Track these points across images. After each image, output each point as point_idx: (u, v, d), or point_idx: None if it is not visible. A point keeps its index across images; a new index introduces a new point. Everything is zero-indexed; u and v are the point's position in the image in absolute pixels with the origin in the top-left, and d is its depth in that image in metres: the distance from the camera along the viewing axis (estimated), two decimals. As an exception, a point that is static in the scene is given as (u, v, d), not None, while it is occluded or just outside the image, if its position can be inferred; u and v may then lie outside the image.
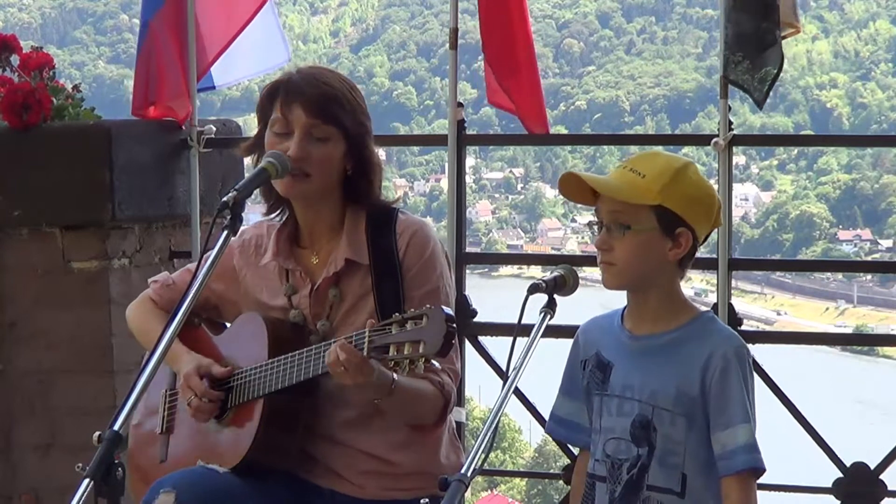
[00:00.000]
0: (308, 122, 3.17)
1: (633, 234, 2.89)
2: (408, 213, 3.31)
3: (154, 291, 3.50)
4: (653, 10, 62.89)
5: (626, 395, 2.96)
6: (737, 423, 2.88)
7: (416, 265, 3.21)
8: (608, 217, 2.92)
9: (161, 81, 5.05)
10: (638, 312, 2.99)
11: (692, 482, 2.92)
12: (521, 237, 53.57)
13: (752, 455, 2.88)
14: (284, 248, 3.30)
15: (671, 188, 2.89)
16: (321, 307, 3.25)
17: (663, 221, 2.90)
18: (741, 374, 2.90)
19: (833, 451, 4.71)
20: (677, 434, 2.91)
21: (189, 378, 3.23)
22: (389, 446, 3.20)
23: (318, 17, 67.24)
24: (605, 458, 2.98)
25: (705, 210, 2.95)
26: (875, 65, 58.18)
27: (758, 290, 50.24)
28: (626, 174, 2.92)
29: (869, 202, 50.76)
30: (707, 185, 2.98)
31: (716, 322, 3.02)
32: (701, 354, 2.91)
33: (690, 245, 2.93)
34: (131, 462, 3.42)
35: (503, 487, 29.33)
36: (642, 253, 2.90)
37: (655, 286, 2.95)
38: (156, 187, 5.05)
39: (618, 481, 2.96)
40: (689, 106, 55.37)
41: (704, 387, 2.90)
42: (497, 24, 4.91)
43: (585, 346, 3.06)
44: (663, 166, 2.92)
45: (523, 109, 4.95)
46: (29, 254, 4.95)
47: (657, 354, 2.95)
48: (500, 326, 4.90)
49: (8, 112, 4.85)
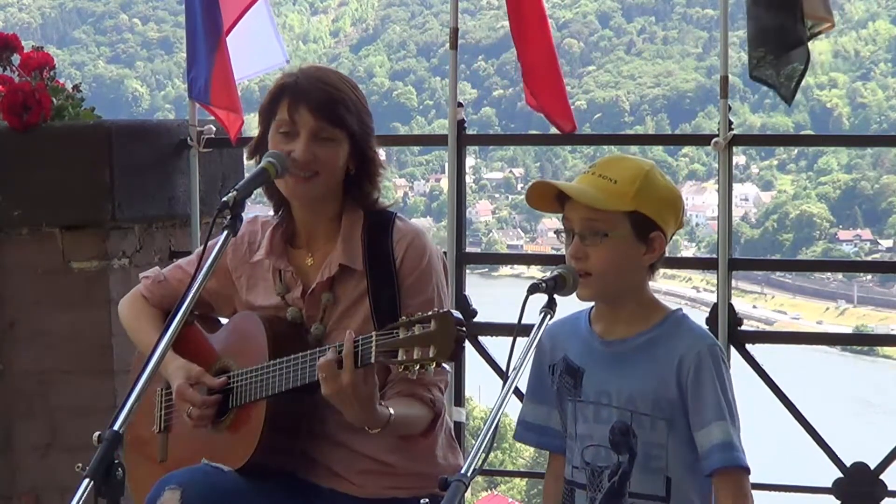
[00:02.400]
0: (315, 124, 3.17)
1: (610, 241, 2.87)
2: (405, 220, 3.31)
3: (145, 288, 3.50)
4: (653, 10, 62.88)
5: (601, 401, 2.94)
6: (710, 421, 2.86)
7: (412, 274, 3.21)
8: (581, 225, 2.89)
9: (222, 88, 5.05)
10: (609, 317, 2.97)
11: (677, 485, 2.91)
12: (521, 237, 53.53)
13: (729, 453, 2.85)
14: (278, 247, 3.30)
15: (644, 193, 2.87)
16: (315, 310, 3.25)
17: (637, 226, 2.88)
18: (714, 372, 2.88)
19: (833, 451, 4.71)
20: (659, 438, 2.90)
21: (183, 392, 3.23)
22: (384, 449, 3.21)
23: (318, 17, 67.23)
24: (585, 465, 2.96)
25: (674, 212, 2.94)
26: (875, 65, 58.15)
27: (758, 290, 50.21)
28: (596, 181, 2.89)
29: (869, 202, 50.73)
30: (673, 186, 2.97)
31: (687, 321, 2.98)
32: (674, 355, 2.89)
33: (663, 248, 2.92)
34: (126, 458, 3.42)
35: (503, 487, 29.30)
36: (619, 260, 2.88)
37: (627, 293, 2.93)
38: (156, 187, 5.05)
39: (598, 489, 2.94)
40: (689, 106, 55.34)
41: (681, 387, 2.88)
42: (524, 27, 4.89)
43: (552, 351, 3.04)
44: (633, 171, 2.89)
45: (549, 108, 4.92)
46: (29, 254, 4.95)
47: (631, 358, 2.93)
48: (500, 326, 4.90)
49: (8, 112, 4.86)
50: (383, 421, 3.03)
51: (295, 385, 3.09)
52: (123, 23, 64.13)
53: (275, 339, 3.20)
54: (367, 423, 3.03)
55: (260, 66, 5.36)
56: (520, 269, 41.74)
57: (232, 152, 5.39)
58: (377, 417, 3.02)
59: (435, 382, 3.19)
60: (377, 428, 3.04)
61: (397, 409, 3.08)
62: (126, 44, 63.50)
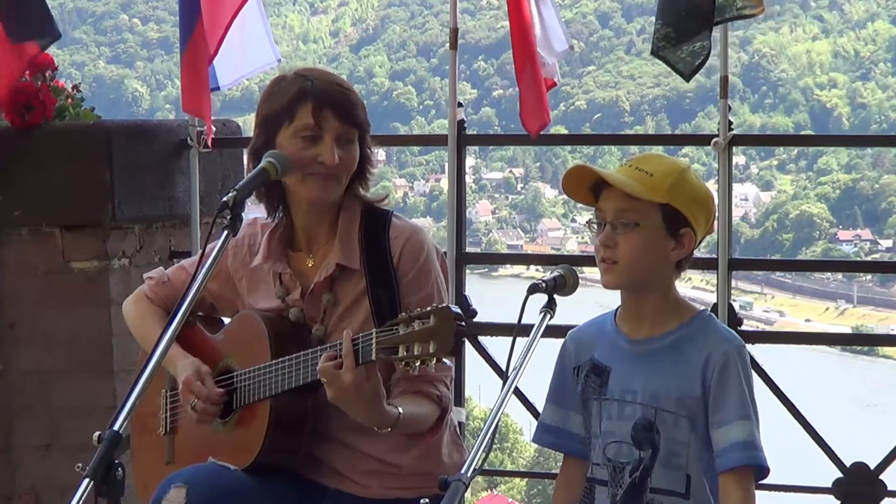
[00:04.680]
0: (340, 127, 3.18)
1: (641, 231, 2.89)
2: (402, 218, 3.31)
3: (149, 289, 3.50)
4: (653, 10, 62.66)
5: (626, 398, 2.95)
6: (732, 420, 2.87)
7: (410, 271, 3.21)
8: (614, 214, 2.91)
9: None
10: (635, 315, 2.99)
11: (696, 483, 2.92)
12: (521, 237, 53.54)
13: (750, 452, 2.87)
14: (276, 250, 3.30)
15: (678, 188, 2.91)
16: (315, 311, 3.25)
17: (668, 220, 2.91)
18: (740, 373, 2.91)
19: (833, 451, 4.72)
20: (681, 435, 2.91)
21: (190, 383, 3.23)
22: (389, 449, 3.20)
23: (318, 17, 67.23)
24: (607, 461, 2.97)
25: (706, 213, 2.96)
26: (875, 65, 58.16)
27: (758, 290, 50.23)
28: (633, 172, 2.92)
29: (869, 202, 50.74)
30: (707, 189, 3.00)
31: (714, 321, 3.02)
32: (701, 355, 2.92)
33: (691, 246, 2.95)
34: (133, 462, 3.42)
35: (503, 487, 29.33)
36: (646, 250, 2.90)
37: (653, 287, 2.96)
38: (156, 187, 5.06)
39: (619, 485, 2.96)
40: (689, 106, 55.32)
41: (705, 387, 2.90)
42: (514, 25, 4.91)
43: (577, 353, 3.06)
44: (669, 166, 2.93)
45: (523, 107, 4.94)
46: (29, 254, 4.95)
47: (658, 357, 2.95)
48: (500, 326, 4.91)
49: (11, 112, 4.86)
50: (392, 420, 3.03)
51: (298, 384, 3.09)
52: (123, 23, 64.15)
53: (277, 338, 3.20)
54: (376, 422, 3.02)
55: (253, 66, 5.37)
56: (520, 269, 41.77)
57: (232, 152, 5.40)
58: (385, 417, 3.02)
59: (440, 378, 3.19)
60: (387, 427, 3.04)
61: (405, 407, 3.07)
62: (126, 44, 63.52)
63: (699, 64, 4.48)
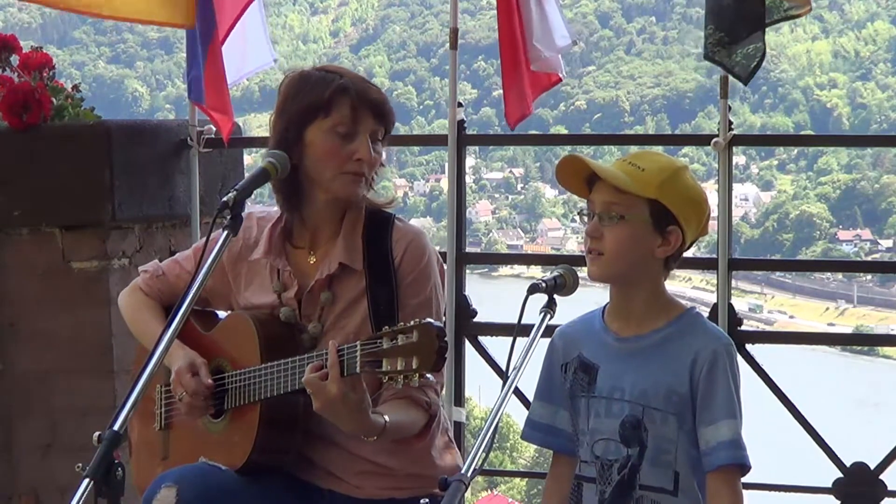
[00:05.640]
0: (375, 126, 3.22)
1: (626, 224, 2.90)
2: (405, 221, 3.33)
3: (143, 282, 3.50)
4: (653, 10, 62.88)
5: (614, 396, 2.96)
6: (720, 418, 2.89)
7: (411, 274, 3.21)
8: (602, 207, 2.92)
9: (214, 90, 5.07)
10: (623, 312, 2.99)
11: (685, 480, 2.93)
12: (521, 237, 53.53)
13: (736, 451, 2.89)
14: (277, 245, 3.30)
15: (669, 185, 2.91)
16: (313, 308, 3.25)
17: (656, 216, 2.91)
18: (728, 371, 2.92)
19: (833, 451, 4.72)
20: (669, 433, 2.92)
21: (181, 375, 3.22)
22: (380, 451, 3.21)
23: (317, 17, 67.21)
24: (594, 459, 2.98)
25: (697, 214, 2.96)
26: (875, 65, 58.15)
27: (758, 290, 50.21)
28: (626, 167, 2.93)
29: (869, 202, 50.72)
30: (702, 191, 3.00)
31: (702, 319, 3.03)
32: (689, 352, 2.93)
33: (678, 245, 2.94)
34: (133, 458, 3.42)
35: (503, 487, 29.31)
36: (631, 244, 2.91)
37: (640, 284, 2.96)
38: (156, 187, 5.06)
39: (608, 482, 2.96)
40: (689, 106, 55.33)
41: (693, 384, 2.91)
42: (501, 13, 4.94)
43: (565, 350, 3.06)
44: (664, 164, 2.95)
45: (507, 97, 4.96)
46: (29, 254, 4.95)
47: (646, 354, 2.95)
48: (500, 326, 4.91)
49: (8, 112, 4.86)
50: (378, 429, 3.04)
51: (286, 390, 3.09)
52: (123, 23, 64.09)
53: (266, 340, 3.20)
54: (362, 431, 3.03)
55: (251, 66, 5.39)
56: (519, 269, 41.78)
57: (232, 152, 5.39)
58: (371, 426, 3.02)
59: (430, 384, 3.19)
60: (373, 436, 3.05)
61: (392, 414, 3.08)
62: (126, 44, 63.47)
63: (755, 66, 4.47)
